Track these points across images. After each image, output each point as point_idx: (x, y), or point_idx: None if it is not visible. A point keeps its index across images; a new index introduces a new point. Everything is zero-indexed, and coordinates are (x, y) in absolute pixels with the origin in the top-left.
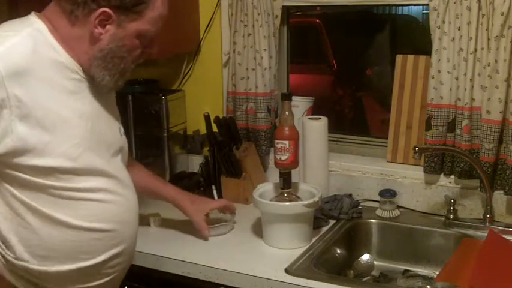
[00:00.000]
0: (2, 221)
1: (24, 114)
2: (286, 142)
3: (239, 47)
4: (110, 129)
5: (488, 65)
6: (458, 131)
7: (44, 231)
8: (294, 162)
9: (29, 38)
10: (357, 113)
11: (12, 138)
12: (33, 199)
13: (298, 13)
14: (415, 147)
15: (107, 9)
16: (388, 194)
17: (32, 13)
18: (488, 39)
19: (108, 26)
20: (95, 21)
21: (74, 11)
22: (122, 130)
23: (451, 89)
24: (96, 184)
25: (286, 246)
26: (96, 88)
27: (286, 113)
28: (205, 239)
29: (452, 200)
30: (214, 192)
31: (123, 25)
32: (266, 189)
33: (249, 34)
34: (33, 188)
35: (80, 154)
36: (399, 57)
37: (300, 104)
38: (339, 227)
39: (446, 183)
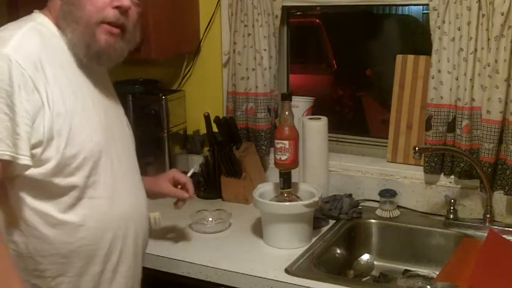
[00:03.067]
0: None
1: (50, 104)
2: (286, 142)
3: (239, 47)
4: (119, 121)
5: (488, 65)
6: (458, 131)
7: (58, 238)
8: (294, 162)
9: (33, 31)
10: (357, 113)
11: (44, 130)
12: (46, 203)
13: (298, 13)
14: (415, 147)
15: None
16: (388, 194)
17: (35, 11)
18: (488, 39)
19: None
20: None
21: None
22: (128, 123)
23: (451, 89)
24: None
25: (286, 246)
26: (99, 74)
27: (286, 113)
28: (192, 199)
29: (452, 200)
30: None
31: None
32: (266, 189)
33: (249, 34)
34: (46, 190)
35: (98, 140)
36: (399, 57)
37: (300, 104)
38: (339, 227)
39: (446, 183)
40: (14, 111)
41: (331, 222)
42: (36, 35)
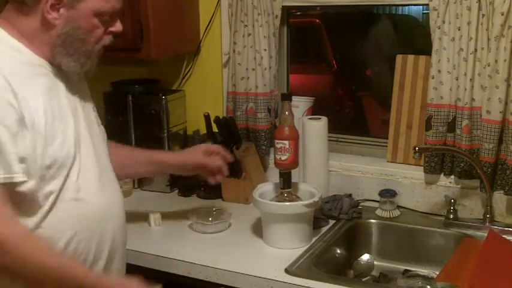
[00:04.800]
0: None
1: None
2: (286, 142)
3: (239, 47)
4: (90, 121)
5: (488, 65)
6: (458, 131)
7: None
8: (294, 162)
9: None
10: (357, 113)
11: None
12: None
13: (298, 13)
14: (415, 147)
15: None
16: (388, 194)
17: None
18: (488, 39)
19: (61, 10)
20: (46, 6)
21: (24, 1)
22: (99, 120)
23: (451, 89)
24: (88, 181)
25: (286, 246)
26: (66, 79)
27: (286, 113)
28: (217, 164)
29: (452, 200)
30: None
31: (75, 5)
32: (266, 189)
33: (249, 34)
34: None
35: (74, 151)
36: (399, 57)
37: (300, 104)
38: (339, 227)
39: (446, 183)
40: None
41: (331, 222)
42: None
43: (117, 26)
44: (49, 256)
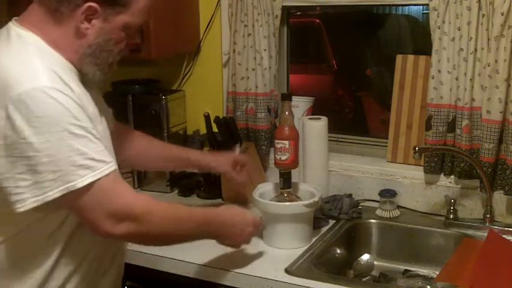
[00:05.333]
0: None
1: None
2: (286, 142)
3: (239, 47)
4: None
5: (488, 65)
6: (458, 131)
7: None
8: (294, 162)
9: (40, 58)
10: (357, 113)
11: None
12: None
13: (298, 13)
14: (415, 147)
15: (93, 4)
16: (388, 194)
17: (14, 22)
18: (488, 39)
19: (94, 21)
20: (81, 17)
21: (58, 7)
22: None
23: (451, 89)
24: None
25: (286, 246)
26: (88, 84)
27: (286, 113)
28: (241, 180)
29: (452, 200)
30: (237, 149)
31: (110, 19)
32: (266, 189)
33: (249, 34)
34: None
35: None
36: (399, 57)
37: (300, 104)
38: (339, 227)
39: (446, 183)
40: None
41: (331, 222)
42: (46, 63)
43: (137, 39)
44: (179, 209)
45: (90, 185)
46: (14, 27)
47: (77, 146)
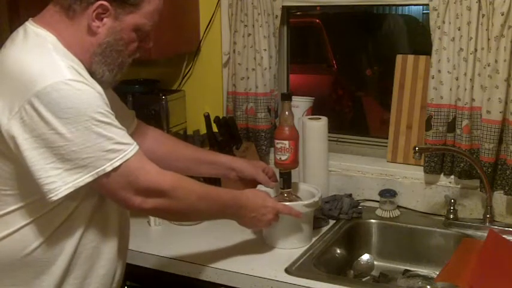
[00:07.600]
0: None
1: None
2: (286, 142)
3: (239, 47)
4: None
5: (488, 65)
6: (458, 131)
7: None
8: (294, 162)
9: (58, 55)
10: (357, 113)
11: None
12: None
13: (298, 13)
14: (415, 147)
15: (104, 2)
16: (388, 194)
17: (31, 21)
18: (488, 39)
19: (105, 19)
20: (93, 14)
21: (72, 5)
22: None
23: (451, 89)
24: None
25: (286, 246)
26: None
27: (286, 113)
28: (272, 186)
29: (452, 200)
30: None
31: (120, 18)
32: (266, 189)
33: (249, 34)
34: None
35: None
36: (399, 57)
37: (300, 104)
38: (339, 227)
39: (446, 183)
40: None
41: (331, 222)
42: (68, 61)
43: (149, 43)
44: (202, 186)
45: (119, 167)
46: (31, 27)
47: (103, 132)
